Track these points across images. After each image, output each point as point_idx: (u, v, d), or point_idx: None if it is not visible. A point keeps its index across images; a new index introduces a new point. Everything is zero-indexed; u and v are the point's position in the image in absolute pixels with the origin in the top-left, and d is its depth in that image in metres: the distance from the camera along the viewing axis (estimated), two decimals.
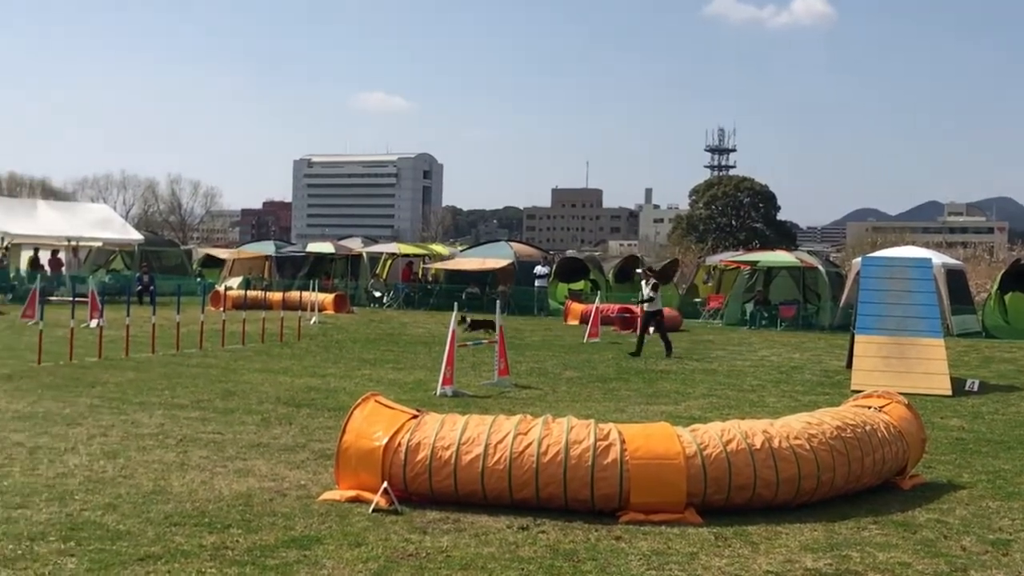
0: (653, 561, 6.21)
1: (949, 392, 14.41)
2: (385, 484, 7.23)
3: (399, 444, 7.36)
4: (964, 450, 10.26)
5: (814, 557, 6.37)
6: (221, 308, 22.17)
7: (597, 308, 24.08)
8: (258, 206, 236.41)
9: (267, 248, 41.64)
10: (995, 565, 6.32)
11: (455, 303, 16.36)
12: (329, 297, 30.25)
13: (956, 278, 28.72)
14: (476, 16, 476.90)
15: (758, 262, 31.49)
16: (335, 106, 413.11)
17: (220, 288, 31.38)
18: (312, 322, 25.09)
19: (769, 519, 7.17)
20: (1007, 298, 29.80)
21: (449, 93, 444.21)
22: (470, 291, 33.21)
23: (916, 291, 16.24)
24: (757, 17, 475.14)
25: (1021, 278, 29.55)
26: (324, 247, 39.65)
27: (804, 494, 7.46)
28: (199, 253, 49.07)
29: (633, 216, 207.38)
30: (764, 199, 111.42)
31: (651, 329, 20.08)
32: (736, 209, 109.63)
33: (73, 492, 7.47)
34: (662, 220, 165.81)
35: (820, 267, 30.92)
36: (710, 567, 6.13)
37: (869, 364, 15.26)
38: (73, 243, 35.05)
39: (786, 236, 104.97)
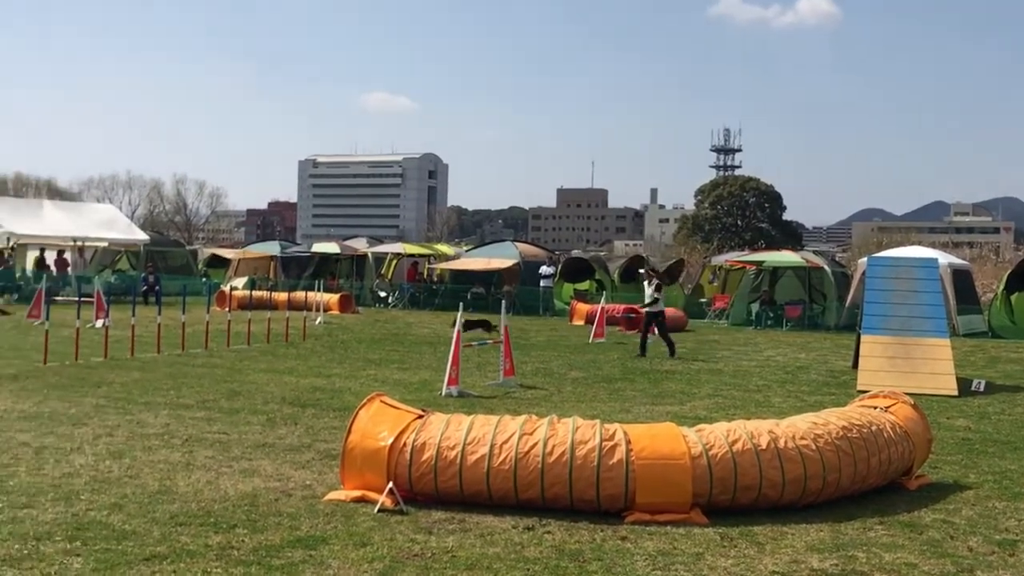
0: (659, 561, 6.20)
1: (955, 392, 14.39)
2: (390, 484, 7.23)
3: (404, 444, 7.35)
4: (970, 450, 10.24)
5: (820, 557, 6.36)
6: (226, 308, 22.19)
7: (602, 308, 24.07)
8: (263, 206, 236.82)
9: (272, 248, 41.63)
10: (1002, 566, 6.30)
11: (460, 303, 16.36)
12: (334, 297, 30.24)
13: (962, 278, 28.74)
14: (481, 16, 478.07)
15: (764, 262, 31.47)
16: (340, 106, 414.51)
17: (225, 288, 31.45)
18: (317, 322, 25.10)
19: (775, 519, 7.16)
20: (1013, 298, 29.73)
21: (454, 93, 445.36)
22: (475, 291, 33.19)
23: (922, 291, 16.22)
24: (763, 17, 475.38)
25: None
26: (329, 247, 39.69)
27: (810, 494, 7.45)
28: (204, 253, 49.08)
29: (638, 216, 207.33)
30: (770, 199, 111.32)
31: (655, 329, 20.05)
32: (742, 209, 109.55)
33: (79, 492, 7.48)
34: (667, 220, 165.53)
35: (826, 267, 30.90)
36: (716, 567, 6.12)
37: (875, 364, 15.24)
38: (79, 243, 35.12)
39: (792, 236, 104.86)
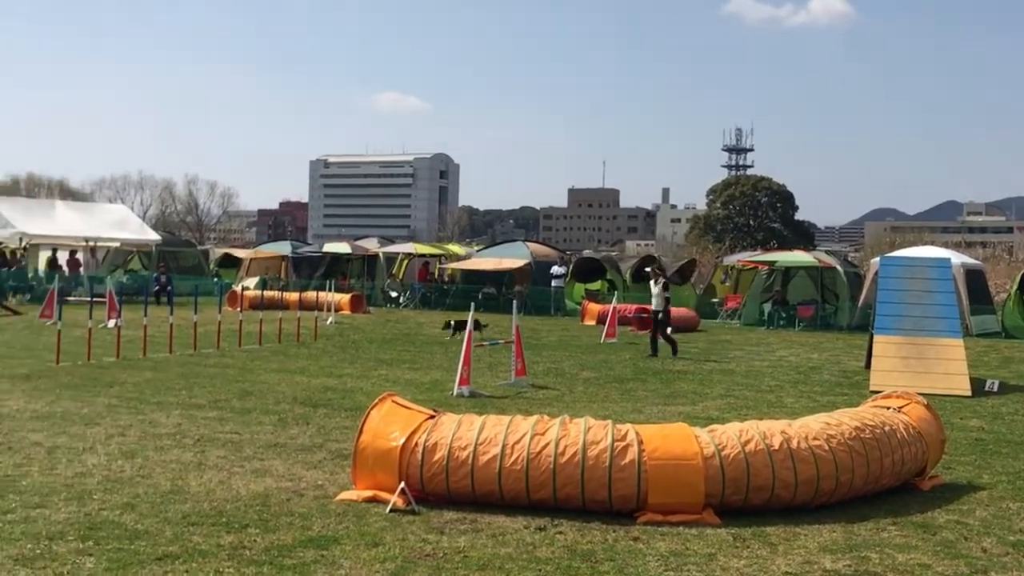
0: (671, 562, 6.19)
1: (968, 393, 14.33)
2: (402, 484, 7.23)
3: (416, 444, 7.35)
4: (984, 451, 10.20)
5: (833, 558, 6.34)
6: (238, 308, 22.22)
7: (614, 308, 24.03)
8: (275, 206, 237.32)
9: (284, 248, 41.68)
10: (1016, 567, 6.27)
11: (471, 303, 16.35)
12: (346, 297, 30.26)
13: (975, 278, 28.62)
14: (491, 16, 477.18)
15: (776, 262, 31.41)
16: (352, 107, 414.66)
17: (237, 288, 31.51)
18: (329, 322, 25.13)
19: (788, 520, 7.13)
20: None
21: (465, 93, 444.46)
22: (486, 291, 33.19)
23: (935, 291, 16.16)
24: (775, 16, 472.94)
25: None
26: (340, 247, 39.75)
27: (823, 495, 7.42)
28: (216, 253, 49.21)
29: (650, 216, 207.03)
30: (782, 199, 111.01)
31: (668, 329, 20.02)
32: (754, 209, 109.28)
33: (91, 492, 7.50)
34: (679, 220, 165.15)
35: (838, 267, 30.83)
36: (728, 568, 6.11)
37: (888, 364, 15.18)
38: (91, 243, 35.27)
39: (804, 236, 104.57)
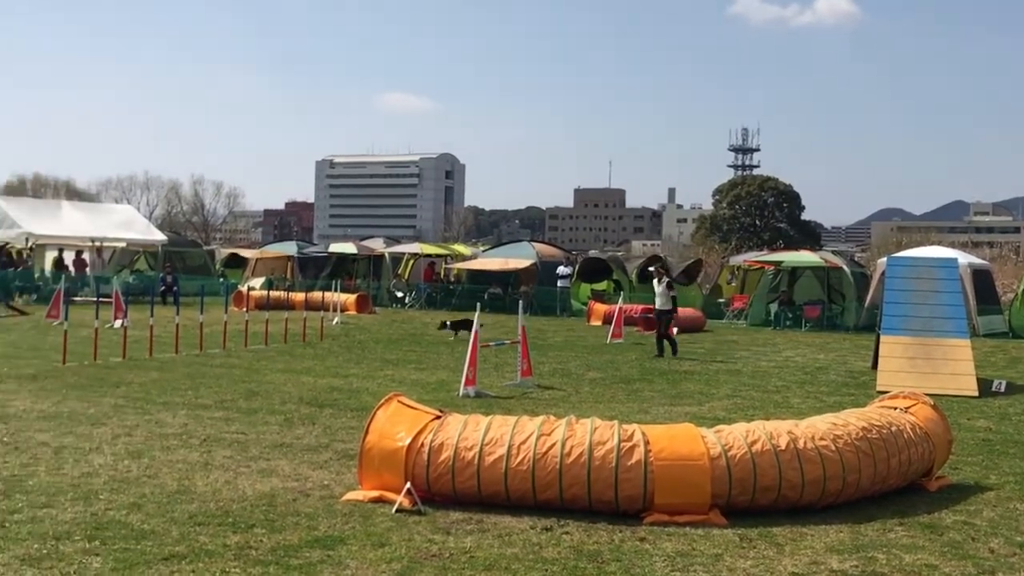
0: (678, 562, 6.18)
1: (975, 393, 14.30)
2: (408, 484, 7.23)
3: (422, 444, 7.35)
4: (991, 451, 10.17)
5: (840, 559, 6.32)
6: (244, 308, 22.28)
7: (620, 308, 24.02)
8: (280, 206, 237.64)
9: (289, 248, 41.68)
10: (1023, 568, 6.25)
11: (477, 303, 16.31)
12: (351, 297, 30.27)
13: (982, 278, 28.53)
14: (497, 16, 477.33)
15: (782, 262, 31.35)
16: (357, 107, 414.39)
17: (243, 288, 31.57)
18: (334, 322, 25.14)
19: (794, 520, 7.12)
20: None
21: (471, 93, 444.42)
22: (492, 291, 33.19)
23: (942, 291, 16.12)
24: (781, 16, 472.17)
25: None
26: (346, 247, 39.71)
27: (830, 495, 7.40)
28: (222, 253, 49.25)
29: (656, 216, 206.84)
30: (788, 199, 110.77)
31: (675, 329, 20.00)
32: (760, 209, 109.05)
33: (98, 492, 7.51)
34: (685, 220, 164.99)
35: (845, 267, 30.75)
36: (735, 568, 6.10)
37: (895, 365, 15.16)
38: (97, 244, 35.31)
39: (810, 236, 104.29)
